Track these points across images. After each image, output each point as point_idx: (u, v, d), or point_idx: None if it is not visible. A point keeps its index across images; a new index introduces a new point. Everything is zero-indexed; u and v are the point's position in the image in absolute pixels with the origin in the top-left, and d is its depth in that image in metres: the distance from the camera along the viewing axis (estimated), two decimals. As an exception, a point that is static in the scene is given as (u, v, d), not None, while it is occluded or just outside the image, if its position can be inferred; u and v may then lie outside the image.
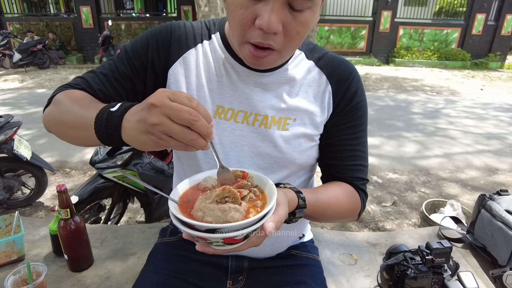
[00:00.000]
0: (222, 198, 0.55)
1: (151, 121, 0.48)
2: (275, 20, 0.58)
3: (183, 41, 0.80)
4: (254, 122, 0.78)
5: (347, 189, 0.82)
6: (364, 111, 0.83)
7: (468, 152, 4.44)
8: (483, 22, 11.92)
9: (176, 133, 0.48)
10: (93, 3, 10.87)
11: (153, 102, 0.48)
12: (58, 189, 1.05)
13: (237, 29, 0.64)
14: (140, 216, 2.77)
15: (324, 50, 0.84)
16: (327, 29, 11.79)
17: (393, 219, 2.90)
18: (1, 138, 2.64)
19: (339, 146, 0.81)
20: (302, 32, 0.64)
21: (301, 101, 0.79)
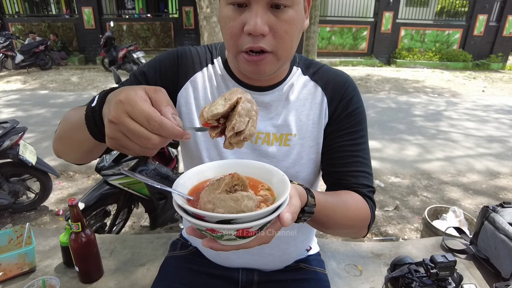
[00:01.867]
0: (232, 187, 0.52)
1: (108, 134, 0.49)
2: (260, 22, 0.63)
3: (190, 65, 0.85)
4: (257, 140, 0.82)
5: (355, 196, 0.81)
6: (361, 118, 0.85)
7: (470, 155, 4.45)
8: (484, 23, 11.92)
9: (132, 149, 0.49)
10: (95, 4, 10.90)
11: (111, 119, 0.47)
12: (69, 203, 1.07)
13: (230, 42, 0.69)
14: (144, 221, 2.80)
15: (320, 64, 0.88)
16: (328, 30, 11.79)
17: (396, 224, 2.92)
18: (7, 143, 2.66)
19: (340, 152, 0.83)
20: (290, 31, 0.68)
21: (300, 116, 0.83)
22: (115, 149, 0.53)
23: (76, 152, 0.70)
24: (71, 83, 8.57)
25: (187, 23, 11.18)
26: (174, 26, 11.42)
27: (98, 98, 0.58)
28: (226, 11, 0.68)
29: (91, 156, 0.72)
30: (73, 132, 0.66)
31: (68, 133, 0.68)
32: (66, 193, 3.32)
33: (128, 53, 8.87)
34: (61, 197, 3.26)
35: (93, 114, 0.57)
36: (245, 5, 0.66)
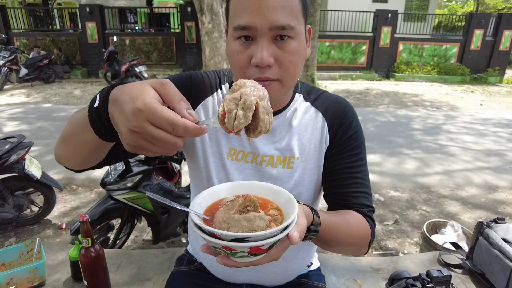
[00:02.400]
0: (244, 207, 0.56)
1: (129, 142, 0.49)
2: (266, 54, 0.69)
3: (202, 89, 0.91)
4: (262, 162, 0.87)
5: (356, 215, 0.85)
6: (360, 141, 0.90)
7: (468, 169, 4.50)
8: (481, 37, 12.13)
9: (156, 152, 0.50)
10: (98, 19, 11.12)
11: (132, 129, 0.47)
12: (80, 219, 1.12)
13: (239, 73, 0.75)
14: (147, 235, 2.83)
15: (321, 91, 0.94)
16: (328, 44, 11.99)
17: (395, 238, 2.95)
18: (14, 158, 2.71)
19: (341, 174, 0.87)
20: (294, 61, 0.73)
21: (302, 140, 0.89)
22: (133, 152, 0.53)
23: (79, 155, 0.69)
24: (74, 96, 8.69)
25: (189, 38, 11.38)
26: (176, 40, 11.63)
27: (100, 97, 0.57)
28: (234, 45, 0.74)
29: (93, 159, 0.71)
30: (77, 133, 0.65)
31: (72, 134, 0.67)
32: (69, 206, 3.36)
33: (131, 67, 9.02)
34: (64, 210, 3.30)
35: (98, 114, 0.56)
36: (251, 39, 0.72)
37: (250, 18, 0.69)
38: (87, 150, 0.67)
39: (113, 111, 0.52)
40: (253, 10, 0.68)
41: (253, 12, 0.68)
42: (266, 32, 0.69)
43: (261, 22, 0.68)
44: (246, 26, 0.69)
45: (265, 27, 0.69)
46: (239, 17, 0.70)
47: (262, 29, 0.69)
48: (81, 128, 0.63)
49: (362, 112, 7.36)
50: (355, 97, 8.97)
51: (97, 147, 0.65)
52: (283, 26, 0.69)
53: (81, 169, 0.75)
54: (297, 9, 0.72)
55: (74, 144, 0.68)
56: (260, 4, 0.68)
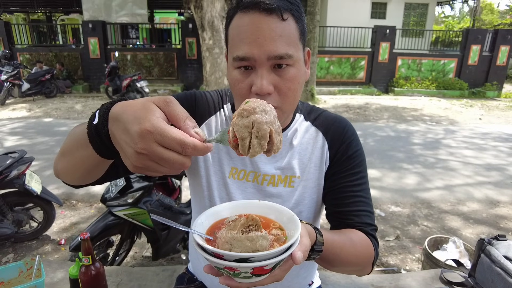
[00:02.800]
0: (247, 227, 0.55)
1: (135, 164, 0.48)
2: (265, 83, 0.72)
3: (206, 109, 0.93)
4: (263, 181, 0.89)
5: (359, 234, 0.85)
6: (361, 159, 0.90)
7: (469, 184, 4.49)
8: (478, 52, 12.31)
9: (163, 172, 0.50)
10: (100, 35, 11.31)
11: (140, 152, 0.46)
12: (81, 237, 1.11)
13: (240, 100, 0.77)
14: (146, 251, 2.80)
15: (320, 110, 0.96)
16: (327, 60, 12.15)
17: (397, 254, 2.92)
18: (14, 173, 2.72)
19: (342, 193, 0.88)
20: (293, 87, 0.76)
21: (303, 159, 0.90)
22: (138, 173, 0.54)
23: (77, 171, 0.68)
24: (75, 111, 8.75)
25: (190, 53, 11.55)
26: (177, 56, 11.79)
27: (100, 114, 0.55)
28: (234, 74, 0.77)
29: (92, 175, 0.70)
30: (76, 149, 0.64)
31: (72, 149, 0.66)
32: (69, 222, 3.34)
33: (132, 82, 9.11)
34: (63, 226, 3.27)
35: (97, 132, 0.54)
36: (250, 68, 0.74)
37: (248, 49, 0.71)
38: (86, 166, 0.66)
39: (115, 130, 0.50)
40: (251, 41, 0.71)
41: (251, 43, 0.71)
42: (265, 61, 0.72)
43: (259, 52, 0.71)
44: (245, 57, 0.72)
45: (263, 57, 0.71)
46: (238, 48, 0.73)
47: (261, 59, 0.72)
48: (80, 144, 0.62)
49: (362, 127, 7.40)
50: (355, 112, 9.03)
51: (96, 163, 0.64)
52: (281, 55, 0.72)
53: (80, 185, 0.74)
54: (294, 37, 0.74)
55: (73, 159, 0.66)
56: (257, 35, 0.71)
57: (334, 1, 13.72)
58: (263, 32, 0.70)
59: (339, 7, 13.67)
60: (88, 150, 0.58)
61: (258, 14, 0.71)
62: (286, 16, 0.72)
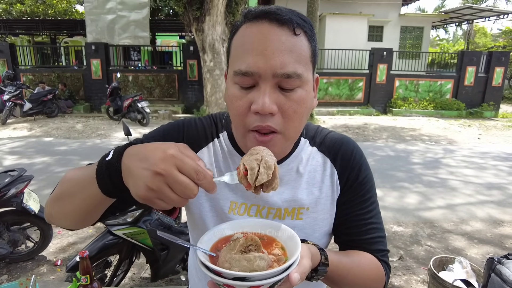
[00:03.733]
0: (246, 247, 0.57)
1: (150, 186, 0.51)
2: (268, 101, 0.62)
3: (195, 140, 0.83)
4: (268, 215, 0.80)
5: (369, 257, 0.81)
6: (371, 184, 0.86)
7: (471, 203, 4.45)
8: (474, 74, 12.54)
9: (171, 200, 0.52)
10: (103, 56, 11.51)
11: (159, 171, 0.50)
12: (80, 255, 1.08)
13: (237, 121, 0.69)
14: (144, 272, 2.73)
15: (325, 132, 0.88)
16: (325, 81, 12.35)
17: (401, 275, 2.85)
18: (12, 192, 2.69)
19: (354, 222, 0.83)
20: (300, 111, 0.67)
21: (312, 189, 0.82)
22: (145, 202, 0.54)
23: (75, 214, 0.67)
24: (75, 130, 8.77)
25: (191, 75, 11.72)
26: (178, 77, 11.96)
27: (115, 151, 0.59)
28: (232, 90, 0.68)
29: (89, 219, 0.69)
30: (77, 191, 0.64)
31: (71, 192, 0.66)
32: (66, 242, 3.27)
33: (133, 103, 9.19)
34: (60, 246, 3.21)
35: (108, 167, 0.58)
36: (252, 86, 0.66)
37: (253, 63, 0.63)
38: (85, 208, 0.66)
39: (131, 162, 0.54)
40: (256, 53, 0.63)
41: (257, 55, 0.63)
42: (270, 78, 0.63)
43: (264, 67, 0.62)
44: (248, 72, 0.63)
45: (269, 73, 0.63)
46: (241, 60, 0.65)
47: (266, 75, 0.63)
48: (82, 185, 0.63)
49: (362, 147, 7.17)
50: (354, 132, 9.08)
51: (97, 204, 0.64)
52: (289, 74, 0.63)
53: (74, 229, 0.73)
54: (305, 55, 0.66)
55: (72, 202, 0.66)
56: (264, 47, 0.63)
57: (332, 24, 14.09)
58: (271, 43, 0.62)
59: (337, 30, 14.02)
60: (91, 190, 0.60)
61: (267, 24, 0.64)
62: (299, 31, 0.65)
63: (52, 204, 0.70)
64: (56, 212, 0.70)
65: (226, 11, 7.96)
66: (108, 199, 0.63)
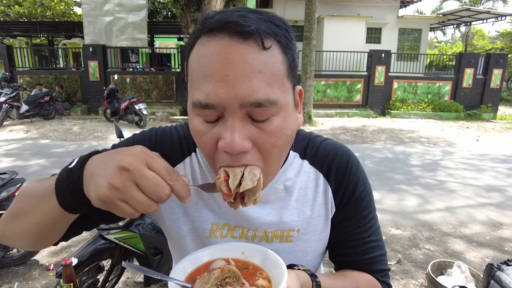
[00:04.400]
0: (222, 280, 0.51)
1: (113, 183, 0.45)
2: (238, 138, 0.50)
3: (170, 155, 0.71)
4: (254, 237, 0.72)
5: (367, 278, 0.75)
6: (369, 199, 0.77)
7: (470, 205, 4.42)
8: (472, 76, 12.55)
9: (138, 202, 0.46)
10: (101, 58, 11.49)
11: (125, 166, 0.45)
12: (63, 262, 1.05)
13: (206, 158, 0.59)
14: (138, 277, 2.68)
15: (318, 141, 0.76)
16: (323, 83, 12.34)
17: (399, 279, 2.81)
18: (4, 195, 2.64)
19: (351, 241, 0.75)
20: (279, 143, 0.55)
21: (303, 209, 0.73)
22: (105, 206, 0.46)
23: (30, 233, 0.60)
24: (72, 132, 8.72)
25: (189, 76, 11.69)
26: (176, 79, 11.94)
27: (78, 160, 0.53)
28: (195, 123, 0.55)
29: (49, 237, 0.61)
30: (34, 205, 0.57)
31: (26, 207, 0.58)
32: (59, 246, 3.19)
33: (130, 105, 9.16)
34: (53, 250, 3.15)
35: (69, 175, 0.51)
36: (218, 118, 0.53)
37: (213, 93, 0.50)
38: (43, 225, 0.58)
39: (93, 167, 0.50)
40: (216, 81, 0.50)
41: (216, 83, 0.50)
42: (237, 109, 0.51)
43: (227, 97, 0.49)
44: (209, 104, 0.51)
45: (234, 104, 0.50)
46: (199, 89, 0.52)
47: (231, 107, 0.50)
48: (39, 198, 0.56)
49: (360, 149, 7.38)
50: (352, 134, 9.05)
51: (55, 221, 0.56)
52: (260, 102, 0.50)
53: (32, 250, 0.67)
54: (280, 73, 0.53)
55: (28, 219, 0.58)
56: (226, 71, 0.49)
57: (330, 27, 14.10)
58: (234, 66, 0.49)
59: (335, 32, 14.03)
60: (49, 204, 0.53)
61: (228, 39, 0.50)
62: (269, 44, 0.51)
63: (6, 222, 0.62)
64: (11, 232, 0.61)
65: (224, 13, 7.96)
66: (68, 215, 0.55)
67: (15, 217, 0.61)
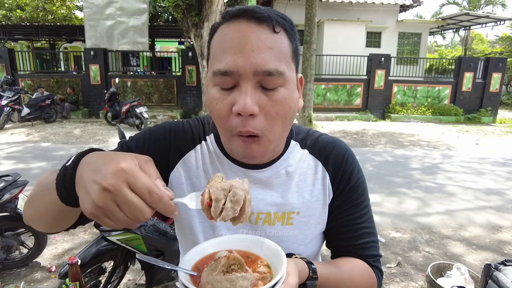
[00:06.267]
0: (228, 267, 0.55)
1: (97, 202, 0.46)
2: (249, 101, 0.60)
3: (183, 143, 0.80)
4: (257, 220, 0.77)
5: (361, 264, 0.80)
6: (363, 187, 0.84)
7: (469, 208, 4.44)
8: (471, 80, 12.60)
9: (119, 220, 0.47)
10: (102, 62, 11.53)
11: (107, 187, 0.45)
12: (69, 261, 1.07)
13: (220, 124, 0.67)
14: (140, 278, 2.70)
15: (317, 134, 0.85)
16: (323, 87, 12.38)
17: (399, 282, 2.83)
18: (7, 197, 2.66)
19: (346, 226, 0.81)
20: (282, 112, 0.64)
21: (303, 193, 0.79)
22: (93, 218, 0.49)
23: (43, 218, 0.65)
24: (73, 135, 8.75)
25: (190, 80, 11.74)
26: (177, 83, 11.98)
27: (74, 158, 0.55)
28: (213, 92, 0.65)
29: (58, 224, 0.66)
30: (42, 195, 0.62)
31: (38, 195, 0.64)
32: (61, 248, 3.24)
33: (131, 108, 9.19)
34: (55, 252, 3.17)
35: (64, 174, 0.54)
36: (233, 87, 0.64)
37: (232, 62, 0.61)
38: (51, 213, 0.62)
39: (84, 171, 0.50)
40: (235, 52, 0.61)
41: (235, 53, 0.61)
42: (251, 77, 0.61)
43: (244, 65, 0.60)
44: (228, 71, 0.61)
45: (249, 72, 0.61)
46: (219, 61, 0.63)
47: (246, 74, 0.61)
48: (47, 189, 0.60)
49: (360, 152, 7.41)
50: (352, 137, 9.08)
51: (60, 211, 0.60)
52: (270, 71, 0.61)
53: (53, 232, 0.70)
54: (286, 53, 0.65)
55: (39, 206, 0.64)
56: (243, 45, 0.61)
57: (330, 31, 14.16)
58: (250, 41, 0.61)
59: (335, 36, 14.08)
60: (52, 196, 0.56)
61: (246, 22, 0.62)
62: (279, 29, 0.63)
63: (26, 207, 0.69)
64: (29, 215, 0.68)
65: (225, 17, 8.03)
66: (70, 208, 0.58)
67: (30, 202, 0.67)
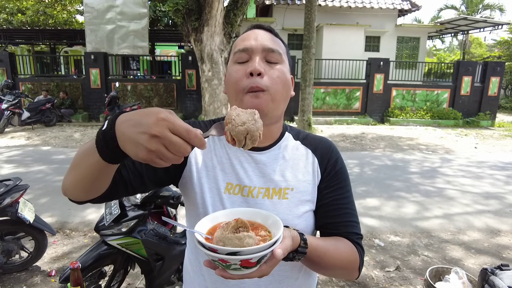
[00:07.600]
0: (237, 229, 0.66)
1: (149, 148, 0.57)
2: (258, 65, 0.86)
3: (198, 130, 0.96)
4: (258, 194, 0.93)
5: (344, 241, 0.93)
6: (346, 176, 1.01)
7: (468, 212, 4.45)
8: (470, 83, 12.65)
9: (169, 159, 0.59)
10: (102, 66, 11.58)
11: (155, 134, 0.56)
12: (71, 266, 1.09)
13: (235, 87, 0.89)
14: (139, 282, 2.71)
15: (307, 133, 1.08)
16: (322, 91, 12.42)
17: (398, 286, 2.84)
18: (7, 201, 2.68)
19: (332, 205, 0.95)
20: (281, 77, 0.89)
21: (295, 173, 0.97)
22: (147, 162, 0.60)
23: (83, 181, 0.75)
24: (73, 139, 8.77)
25: (190, 84, 11.78)
26: (177, 87, 12.02)
27: (108, 122, 0.65)
28: (233, 67, 0.91)
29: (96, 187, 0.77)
30: (82, 160, 0.73)
31: (79, 161, 0.74)
32: (61, 252, 3.25)
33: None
34: (55, 256, 3.18)
35: (104, 136, 0.64)
36: (247, 61, 0.90)
37: (248, 44, 0.90)
38: (91, 174, 0.73)
39: (125, 128, 0.60)
40: (249, 40, 0.91)
41: (250, 40, 0.91)
42: (259, 51, 0.89)
43: (256, 44, 0.90)
44: (245, 48, 0.90)
45: (259, 48, 0.89)
46: (239, 46, 0.91)
47: (257, 49, 0.89)
48: (87, 154, 0.70)
49: (359, 156, 7.43)
50: (351, 141, 9.10)
51: (101, 171, 0.71)
52: (273, 49, 0.90)
53: (85, 200, 0.81)
54: (282, 48, 0.93)
55: (80, 170, 0.74)
56: (255, 36, 0.91)
57: (329, 35, 14.23)
58: (260, 35, 0.92)
59: (334, 41, 14.15)
60: (95, 157, 0.66)
61: (257, 30, 0.94)
62: (278, 38, 0.94)
63: (66, 177, 0.79)
64: (69, 183, 0.78)
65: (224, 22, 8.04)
66: (111, 166, 0.70)
67: (70, 170, 0.78)
